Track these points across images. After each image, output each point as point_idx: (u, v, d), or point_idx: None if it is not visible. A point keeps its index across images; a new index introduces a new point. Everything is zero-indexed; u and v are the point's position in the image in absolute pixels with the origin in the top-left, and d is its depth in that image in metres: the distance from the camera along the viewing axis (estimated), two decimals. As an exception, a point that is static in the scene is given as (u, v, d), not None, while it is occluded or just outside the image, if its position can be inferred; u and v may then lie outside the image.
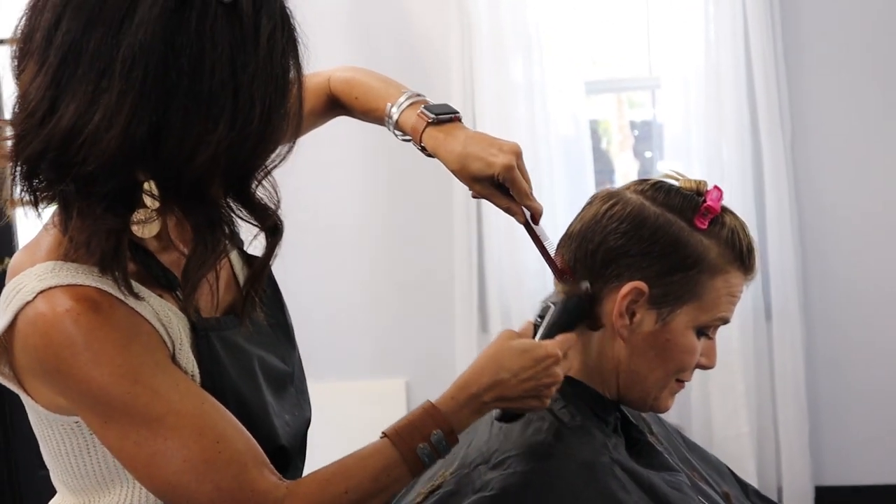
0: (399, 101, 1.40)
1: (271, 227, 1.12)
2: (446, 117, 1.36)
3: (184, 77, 0.99)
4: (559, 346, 1.25)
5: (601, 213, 1.35)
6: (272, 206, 1.11)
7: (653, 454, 1.39)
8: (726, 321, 1.37)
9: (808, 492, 3.52)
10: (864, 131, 3.53)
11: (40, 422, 1.16)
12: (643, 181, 1.38)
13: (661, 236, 1.32)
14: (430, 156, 1.38)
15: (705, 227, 1.33)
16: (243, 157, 1.04)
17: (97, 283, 1.07)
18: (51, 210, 1.09)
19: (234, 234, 1.13)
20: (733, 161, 3.47)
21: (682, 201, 1.34)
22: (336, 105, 1.49)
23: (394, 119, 1.40)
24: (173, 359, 1.12)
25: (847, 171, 3.54)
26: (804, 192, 3.54)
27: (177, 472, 1.08)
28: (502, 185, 1.33)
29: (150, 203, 1.06)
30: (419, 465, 1.17)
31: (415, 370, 3.70)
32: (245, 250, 1.28)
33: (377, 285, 3.73)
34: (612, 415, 1.39)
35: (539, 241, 1.36)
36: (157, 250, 1.15)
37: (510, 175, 1.30)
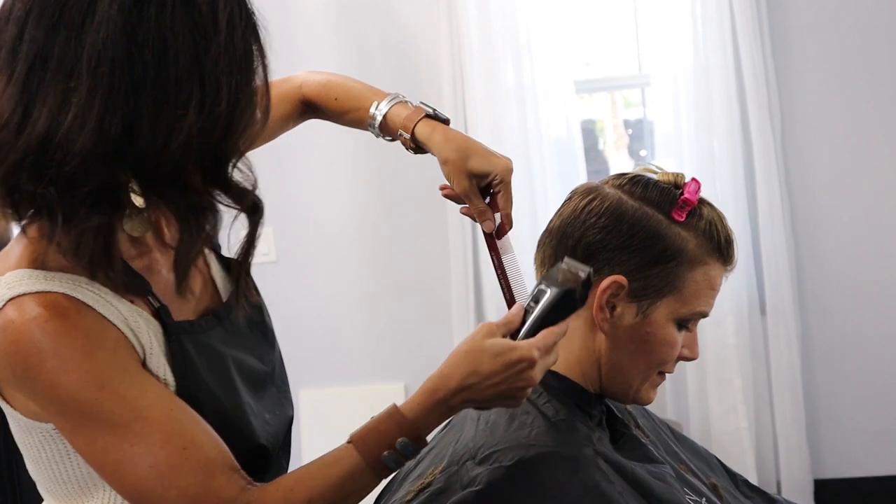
0: (386, 99, 1.43)
1: (251, 206, 1.14)
2: (443, 117, 1.41)
3: (149, 68, 1.02)
4: (541, 343, 1.17)
5: (580, 208, 1.36)
6: (249, 186, 1.13)
7: (637, 446, 1.39)
8: (705, 315, 1.38)
9: (807, 485, 3.53)
10: (854, 125, 3.54)
11: (20, 430, 1.17)
12: (621, 175, 1.39)
13: (640, 230, 1.33)
14: (416, 151, 1.41)
15: (683, 219, 1.34)
16: (216, 140, 1.07)
17: (66, 290, 1.08)
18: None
19: (215, 217, 1.14)
20: (724, 157, 3.48)
21: (660, 194, 1.35)
22: (309, 109, 1.51)
23: (380, 116, 1.42)
24: (144, 365, 1.13)
25: (837, 165, 3.55)
26: (795, 186, 3.55)
27: (143, 478, 1.08)
28: (484, 190, 1.35)
29: (140, 203, 1.08)
30: (385, 471, 1.15)
31: (413, 373, 3.69)
32: (223, 254, 1.29)
33: (374, 290, 3.73)
34: (596, 409, 1.39)
35: (498, 256, 1.38)
36: (130, 257, 1.16)
37: (508, 178, 1.34)
